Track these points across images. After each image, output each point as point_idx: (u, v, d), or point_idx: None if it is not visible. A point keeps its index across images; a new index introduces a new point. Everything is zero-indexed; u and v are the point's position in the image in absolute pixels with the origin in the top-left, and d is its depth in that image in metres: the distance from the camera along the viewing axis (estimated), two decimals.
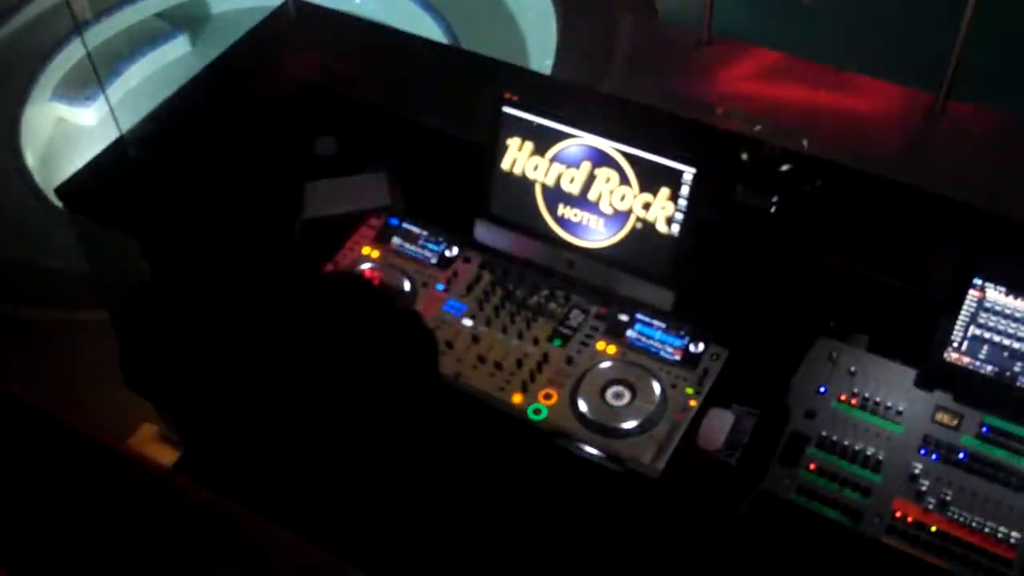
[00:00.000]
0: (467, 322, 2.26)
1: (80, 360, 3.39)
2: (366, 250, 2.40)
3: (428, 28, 5.00)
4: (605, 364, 2.17)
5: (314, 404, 1.62)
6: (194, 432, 1.92)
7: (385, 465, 1.82)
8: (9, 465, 1.40)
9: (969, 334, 2.05)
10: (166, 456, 3.06)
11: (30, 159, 4.64)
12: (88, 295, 3.64)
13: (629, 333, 2.22)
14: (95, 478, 1.39)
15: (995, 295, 2.03)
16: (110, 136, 2.67)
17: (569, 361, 2.18)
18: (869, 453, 1.99)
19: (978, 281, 2.04)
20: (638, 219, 2.22)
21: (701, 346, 2.18)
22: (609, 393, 2.11)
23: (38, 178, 4.52)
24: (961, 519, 1.89)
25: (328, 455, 1.79)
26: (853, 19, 4.54)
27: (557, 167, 2.28)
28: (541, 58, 4.73)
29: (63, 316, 3.65)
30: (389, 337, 1.71)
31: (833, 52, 4.37)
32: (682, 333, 2.21)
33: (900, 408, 2.05)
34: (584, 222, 2.28)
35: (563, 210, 2.30)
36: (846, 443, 2.01)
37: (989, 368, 2.05)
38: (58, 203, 2.61)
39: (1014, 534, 1.86)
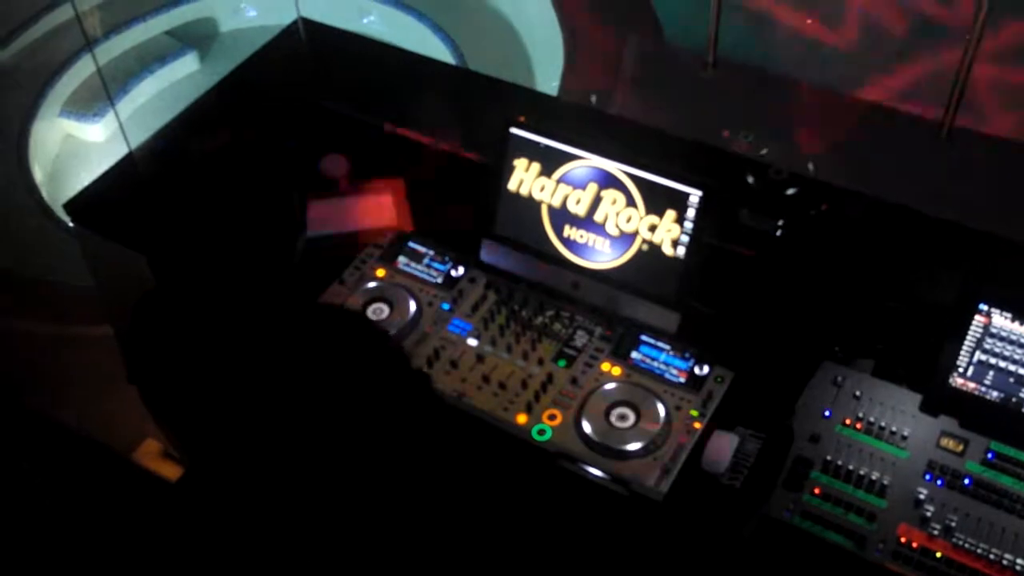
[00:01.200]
0: (472, 342, 2.26)
1: (86, 376, 3.39)
2: (371, 269, 2.41)
3: (436, 48, 5.03)
4: (610, 385, 2.17)
5: (307, 428, 1.64)
6: (194, 444, 1.93)
7: (386, 485, 1.82)
8: (16, 472, 1.40)
9: (975, 359, 2.05)
10: (170, 471, 3.06)
11: (38, 174, 4.66)
12: (94, 311, 3.64)
13: (634, 355, 2.22)
14: (103, 488, 1.39)
15: (1001, 320, 2.03)
16: (118, 153, 2.68)
17: (574, 382, 2.18)
18: (874, 478, 1.99)
19: (984, 307, 2.04)
20: (644, 241, 2.23)
21: (706, 368, 2.18)
22: (614, 415, 2.11)
23: (46, 193, 4.54)
24: (966, 546, 1.88)
25: (324, 474, 1.80)
26: (859, 44, 4.56)
27: (563, 188, 2.29)
28: (548, 79, 4.75)
29: (69, 331, 3.66)
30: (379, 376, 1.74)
31: (838, 76, 4.39)
32: (687, 355, 2.21)
33: (905, 433, 2.04)
34: (590, 243, 2.29)
35: (569, 231, 2.30)
36: (851, 468, 2.00)
37: (995, 394, 2.05)
38: (66, 218, 2.62)
39: (1019, 561, 1.86)
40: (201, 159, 2.64)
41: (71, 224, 2.63)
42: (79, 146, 4.97)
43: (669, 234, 2.20)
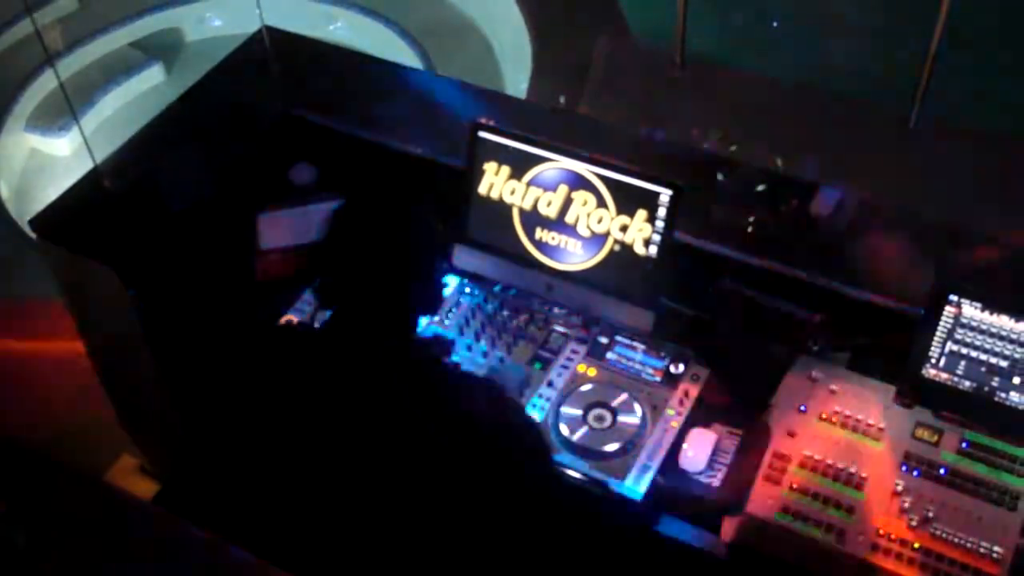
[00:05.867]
0: None
1: (57, 393, 3.35)
2: None
3: (403, 54, 5.01)
4: (586, 387, 2.17)
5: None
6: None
7: (369, 490, 1.82)
8: None
9: (947, 350, 2.07)
10: (146, 488, 3.03)
11: (4, 190, 4.59)
12: (63, 327, 3.60)
13: (609, 355, 2.22)
14: (77, 511, 1.37)
15: (971, 311, 2.04)
16: (84, 166, 2.64)
17: (550, 384, 2.18)
18: (851, 471, 1.99)
19: (954, 297, 2.05)
20: (616, 241, 2.23)
21: (681, 367, 2.19)
22: (591, 416, 2.11)
23: (12, 209, 4.48)
24: (944, 535, 1.90)
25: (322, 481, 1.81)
26: (825, 37, 4.59)
27: (534, 191, 2.28)
28: (516, 82, 4.75)
29: (38, 348, 3.61)
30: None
31: (806, 71, 4.41)
32: (662, 354, 2.21)
33: (881, 425, 2.06)
34: (562, 245, 2.28)
35: (541, 233, 2.30)
36: (828, 462, 2.01)
37: (967, 383, 2.06)
38: (32, 234, 2.59)
39: (997, 549, 1.87)
40: (169, 171, 2.62)
41: (37, 239, 2.60)
42: (45, 160, 4.91)
43: (640, 233, 2.20)
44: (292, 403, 1.82)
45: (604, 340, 2.25)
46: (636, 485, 2.01)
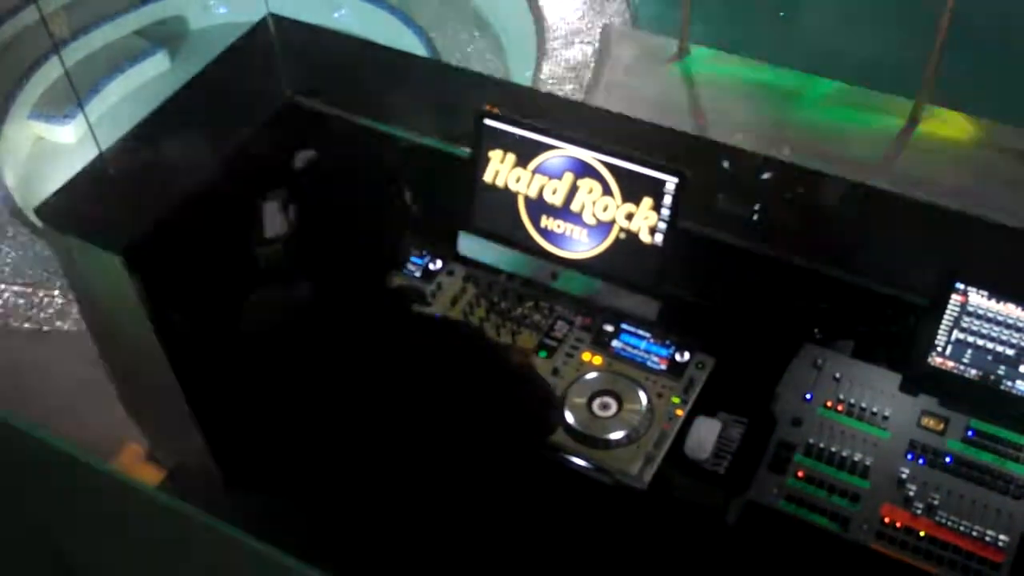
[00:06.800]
0: None
1: (62, 379, 3.36)
2: None
3: (408, 41, 5.00)
4: (591, 375, 2.17)
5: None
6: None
7: (383, 478, 1.83)
8: None
9: (953, 338, 2.06)
10: (152, 476, 3.04)
11: (9, 178, 4.60)
12: (68, 313, 3.61)
13: (614, 343, 2.22)
14: (82, 497, 1.37)
15: (977, 299, 2.04)
16: (90, 154, 2.65)
17: (555, 372, 2.18)
18: (856, 459, 1.99)
19: (960, 285, 2.05)
20: (621, 229, 2.22)
21: (687, 355, 2.18)
22: (596, 404, 2.11)
23: (17, 197, 4.49)
24: (949, 523, 1.90)
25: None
26: (829, 27, 4.58)
27: (539, 179, 2.28)
28: (521, 70, 4.74)
29: (45, 334, 3.62)
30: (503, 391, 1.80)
31: (810, 59, 4.41)
32: (667, 343, 2.21)
33: (886, 413, 2.05)
34: (567, 233, 2.28)
35: (546, 221, 2.29)
36: (833, 450, 2.01)
37: (973, 372, 2.06)
38: (38, 222, 2.59)
39: (1002, 537, 1.87)
40: (174, 159, 2.62)
41: (43, 227, 2.61)
42: (50, 148, 4.92)
43: (646, 221, 2.19)
44: (294, 380, 1.82)
45: (609, 328, 2.24)
46: (641, 473, 2.01)
